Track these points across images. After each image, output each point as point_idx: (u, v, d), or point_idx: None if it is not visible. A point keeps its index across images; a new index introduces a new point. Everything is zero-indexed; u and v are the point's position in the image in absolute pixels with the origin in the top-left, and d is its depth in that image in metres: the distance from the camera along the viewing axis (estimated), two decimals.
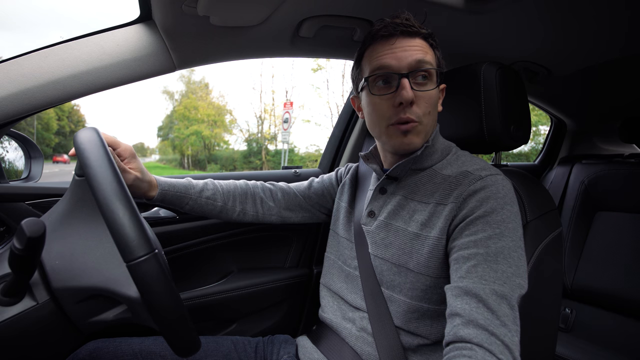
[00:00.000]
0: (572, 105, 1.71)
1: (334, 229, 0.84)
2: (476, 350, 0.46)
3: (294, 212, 0.90)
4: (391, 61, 0.62)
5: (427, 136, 0.67)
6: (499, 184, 0.60)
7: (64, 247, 0.55)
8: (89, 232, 0.56)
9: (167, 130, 29.59)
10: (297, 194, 0.90)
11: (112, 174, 0.47)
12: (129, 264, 0.44)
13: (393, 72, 0.62)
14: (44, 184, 0.86)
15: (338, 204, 0.86)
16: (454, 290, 0.53)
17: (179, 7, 0.67)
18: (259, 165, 20.19)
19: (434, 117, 0.67)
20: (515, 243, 0.55)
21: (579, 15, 0.80)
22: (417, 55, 0.62)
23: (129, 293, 0.52)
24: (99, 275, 0.54)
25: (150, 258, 0.44)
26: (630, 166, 1.47)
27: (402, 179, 0.71)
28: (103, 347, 0.69)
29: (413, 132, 0.63)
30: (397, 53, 0.62)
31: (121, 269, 0.50)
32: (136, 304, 0.53)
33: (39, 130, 26.35)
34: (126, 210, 0.45)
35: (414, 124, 0.63)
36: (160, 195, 0.74)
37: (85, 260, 0.54)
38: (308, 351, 0.75)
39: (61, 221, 0.57)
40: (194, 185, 0.79)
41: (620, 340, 1.25)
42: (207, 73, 32.49)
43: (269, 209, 0.87)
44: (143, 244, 0.44)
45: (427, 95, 0.63)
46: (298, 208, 0.90)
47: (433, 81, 0.64)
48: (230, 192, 0.83)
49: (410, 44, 0.63)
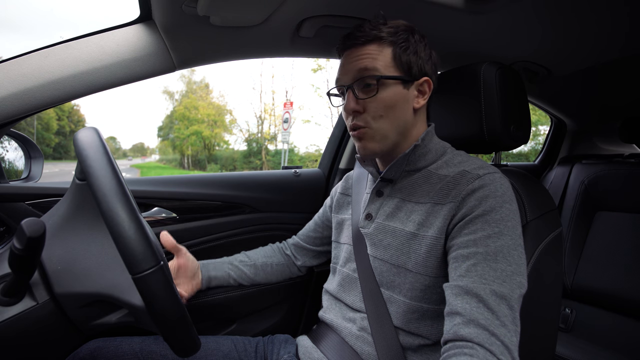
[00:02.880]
0: (572, 105, 1.71)
1: (337, 240, 0.84)
2: (477, 349, 0.46)
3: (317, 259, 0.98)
4: (340, 75, 0.68)
5: (388, 139, 0.67)
6: (497, 183, 0.60)
7: (66, 252, 0.55)
8: (91, 238, 0.56)
9: (167, 130, 29.58)
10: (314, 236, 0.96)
11: (115, 183, 0.46)
12: (135, 276, 0.43)
13: (342, 85, 0.68)
14: (44, 184, 0.86)
15: (335, 217, 0.86)
16: (454, 289, 0.53)
17: (179, 7, 0.67)
18: (259, 165, 20.19)
19: (392, 120, 0.65)
20: (515, 241, 0.55)
21: (579, 15, 0.80)
22: (360, 65, 0.64)
23: (133, 301, 0.52)
24: (101, 281, 0.54)
25: (157, 271, 0.44)
26: (630, 166, 1.47)
27: (398, 180, 0.71)
28: (104, 347, 0.69)
29: (365, 137, 0.66)
30: (345, 66, 0.67)
31: (124, 275, 0.49)
32: (140, 311, 0.53)
33: (39, 130, 26.35)
34: (132, 222, 0.44)
35: (362, 130, 0.66)
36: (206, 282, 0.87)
37: (88, 266, 0.54)
38: (308, 351, 0.75)
39: (62, 225, 0.57)
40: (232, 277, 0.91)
41: (620, 340, 1.25)
42: (207, 73, 32.54)
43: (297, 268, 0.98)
44: (149, 256, 0.44)
45: (375, 100, 0.64)
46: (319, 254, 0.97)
47: (385, 85, 0.64)
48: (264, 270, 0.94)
49: (357, 53, 0.65)
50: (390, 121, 0.66)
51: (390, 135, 0.67)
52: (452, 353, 0.47)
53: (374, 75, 0.63)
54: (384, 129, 0.66)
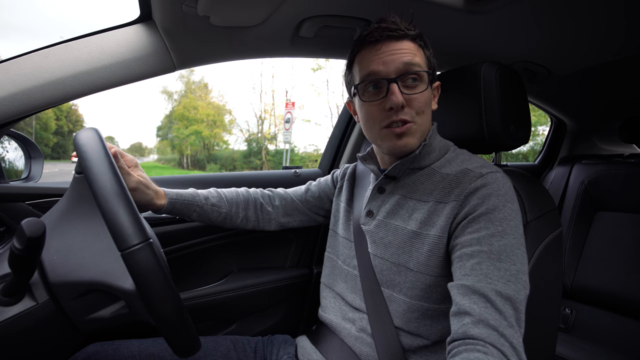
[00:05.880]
0: (572, 105, 1.71)
1: (334, 229, 0.84)
2: (490, 348, 0.45)
3: (292, 217, 0.91)
4: (379, 67, 0.63)
5: (423, 136, 0.67)
6: (500, 182, 0.60)
7: (62, 242, 0.55)
8: (87, 228, 0.56)
9: (166, 130, 29.57)
10: (294, 199, 0.91)
11: (108, 166, 0.47)
12: (123, 252, 0.44)
13: (381, 78, 0.63)
14: (44, 184, 0.86)
15: (337, 204, 0.86)
16: (460, 288, 0.53)
17: (179, 7, 0.67)
18: (259, 165, 20.19)
19: (428, 117, 0.67)
20: (518, 241, 0.55)
21: (578, 15, 0.80)
22: (404, 58, 0.62)
23: (125, 286, 0.52)
24: (95, 269, 0.54)
25: (145, 246, 0.44)
26: (630, 166, 1.47)
27: (401, 178, 0.71)
28: (102, 351, 0.69)
29: (408, 133, 0.64)
30: (384, 58, 0.63)
31: (118, 262, 0.50)
32: (132, 296, 0.53)
33: (38, 130, 26.34)
34: (121, 199, 0.45)
35: (409, 125, 0.63)
36: (170, 205, 0.75)
37: (83, 255, 0.55)
38: (307, 352, 0.75)
39: (60, 218, 0.58)
40: (199, 194, 0.81)
41: (620, 340, 1.25)
42: (207, 73, 32.54)
43: (268, 214, 0.88)
44: (137, 232, 0.44)
45: (419, 97, 0.64)
46: (296, 212, 0.91)
47: (424, 82, 0.64)
48: (233, 199, 0.85)
49: (397, 47, 0.63)
50: (427, 118, 0.67)
51: (426, 132, 0.68)
52: (464, 349, 0.47)
53: (422, 70, 0.63)
54: (425, 125, 0.66)
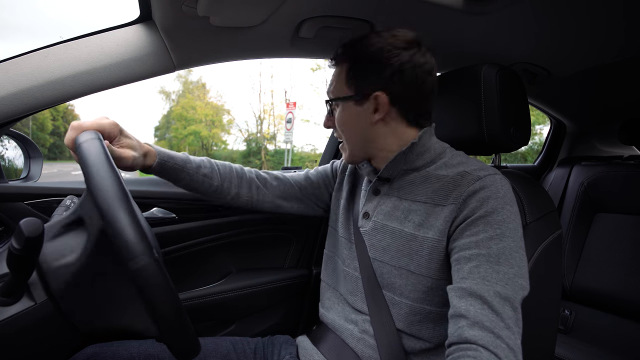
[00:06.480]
0: (572, 107, 1.71)
1: (334, 226, 0.83)
2: (481, 351, 0.46)
3: (288, 201, 0.87)
4: None
5: (355, 151, 0.72)
6: (498, 184, 0.60)
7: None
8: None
9: (164, 130, 29.47)
10: (292, 183, 0.87)
11: (115, 182, 0.45)
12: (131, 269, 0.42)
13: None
14: (43, 184, 0.86)
15: (337, 199, 0.85)
16: (457, 291, 0.53)
17: (179, 8, 0.67)
18: (258, 165, 20.17)
19: (355, 132, 0.71)
20: (516, 243, 0.55)
21: (578, 16, 0.80)
22: (328, 89, 0.73)
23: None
24: None
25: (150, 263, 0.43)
26: (630, 168, 1.47)
27: (395, 179, 0.71)
28: (101, 352, 0.69)
29: (342, 149, 0.76)
30: None
31: None
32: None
33: (34, 131, 26.26)
34: (127, 214, 0.43)
35: (341, 143, 0.75)
36: (158, 166, 0.71)
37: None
38: (309, 352, 0.75)
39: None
40: (192, 161, 0.76)
41: (620, 342, 1.25)
42: (205, 73, 32.31)
43: (264, 195, 0.84)
44: (143, 248, 0.43)
45: (337, 120, 0.72)
46: (293, 198, 0.87)
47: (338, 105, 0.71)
48: (226, 173, 0.81)
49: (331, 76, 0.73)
50: (349, 137, 0.72)
51: (355, 148, 0.73)
52: (456, 356, 0.47)
53: (332, 99, 0.72)
54: (349, 143, 0.73)
